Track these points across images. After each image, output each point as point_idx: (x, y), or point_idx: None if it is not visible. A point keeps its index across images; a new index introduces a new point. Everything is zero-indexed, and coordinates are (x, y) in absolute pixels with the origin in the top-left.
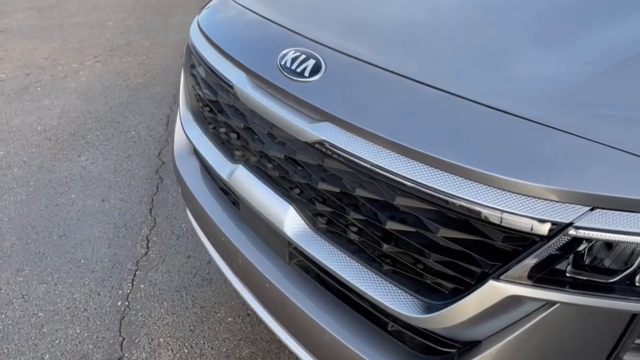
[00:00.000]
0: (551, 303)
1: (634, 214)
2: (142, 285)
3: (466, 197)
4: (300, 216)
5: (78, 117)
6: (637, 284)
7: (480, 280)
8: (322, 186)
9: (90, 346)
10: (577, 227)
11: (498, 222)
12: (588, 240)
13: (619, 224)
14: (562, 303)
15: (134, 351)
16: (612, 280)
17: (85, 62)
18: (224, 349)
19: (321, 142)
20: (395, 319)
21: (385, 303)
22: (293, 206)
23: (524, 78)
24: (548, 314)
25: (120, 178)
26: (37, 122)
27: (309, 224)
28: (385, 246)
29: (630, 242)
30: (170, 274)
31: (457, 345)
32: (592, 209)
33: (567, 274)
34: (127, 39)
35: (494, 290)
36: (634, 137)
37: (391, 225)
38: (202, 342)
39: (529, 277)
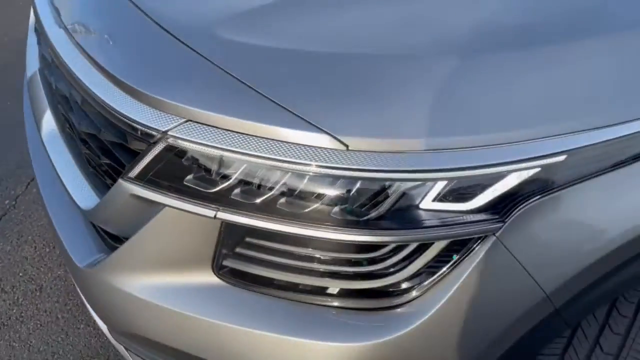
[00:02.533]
0: (163, 205)
1: (221, 130)
2: (34, 189)
3: (102, 97)
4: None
5: None
6: (232, 197)
7: None
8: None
9: None
10: (173, 137)
11: (123, 125)
12: (180, 148)
13: (206, 137)
14: (169, 206)
15: (1, 244)
16: (212, 191)
17: None
18: None
19: None
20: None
21: (74, 196)
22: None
23: None
24: (161, 215)
25: None
26: None
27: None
28: (83, 148)
29: (215, 156)
30: None
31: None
32: (186, 122)
33: (176, 178)
34: None
35: (121, 189)
36: (247, 64)
37: (80, 128)
38: None
39: (141, 178)
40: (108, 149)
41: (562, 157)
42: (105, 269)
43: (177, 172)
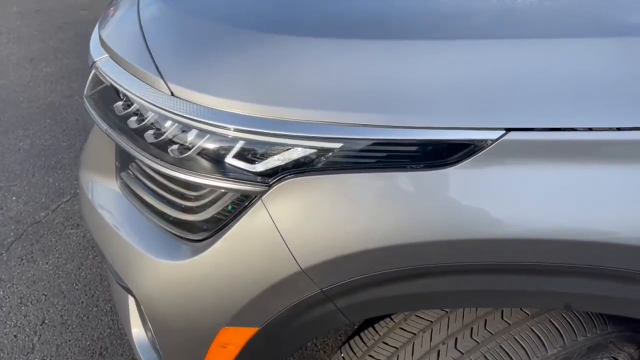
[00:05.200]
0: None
1: (117, 66)
2: None
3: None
4: None
5: None
6: (120, 121)
7: None
8: None
9: None
10: (97, 67)
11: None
12: (99, 76)
13: (111, 71)
14: (93, 120)
15: None
16: (119, 115)
17: None
18: None
19: None
20: None
21: None
22: None
23: None
24: (94, 128)
25: None
26: None
27: None
28: None
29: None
30: None
31: None
32: (106, 57)
33: (105, 102)
34: None
35: (83, 102)
36: (156, 21)
37: None
38: None
39: (86, 96)
40: None
41: (338, 144)
42: (80, 165)
43: (106, 97)
